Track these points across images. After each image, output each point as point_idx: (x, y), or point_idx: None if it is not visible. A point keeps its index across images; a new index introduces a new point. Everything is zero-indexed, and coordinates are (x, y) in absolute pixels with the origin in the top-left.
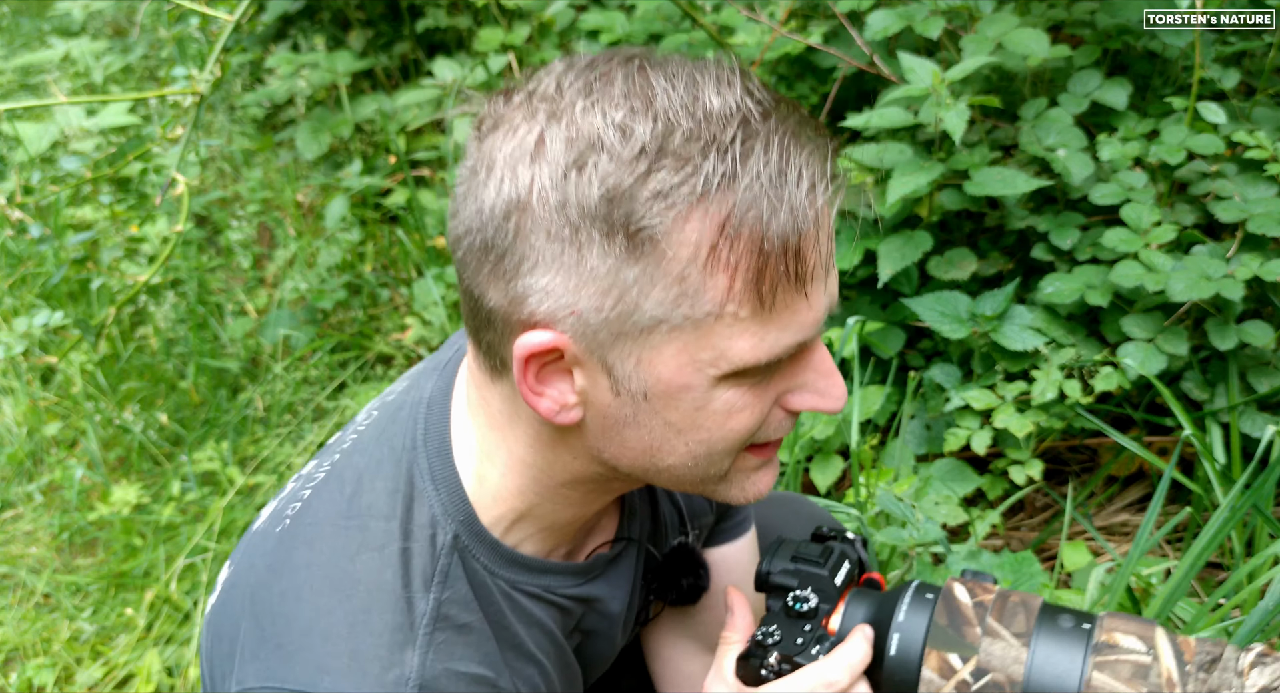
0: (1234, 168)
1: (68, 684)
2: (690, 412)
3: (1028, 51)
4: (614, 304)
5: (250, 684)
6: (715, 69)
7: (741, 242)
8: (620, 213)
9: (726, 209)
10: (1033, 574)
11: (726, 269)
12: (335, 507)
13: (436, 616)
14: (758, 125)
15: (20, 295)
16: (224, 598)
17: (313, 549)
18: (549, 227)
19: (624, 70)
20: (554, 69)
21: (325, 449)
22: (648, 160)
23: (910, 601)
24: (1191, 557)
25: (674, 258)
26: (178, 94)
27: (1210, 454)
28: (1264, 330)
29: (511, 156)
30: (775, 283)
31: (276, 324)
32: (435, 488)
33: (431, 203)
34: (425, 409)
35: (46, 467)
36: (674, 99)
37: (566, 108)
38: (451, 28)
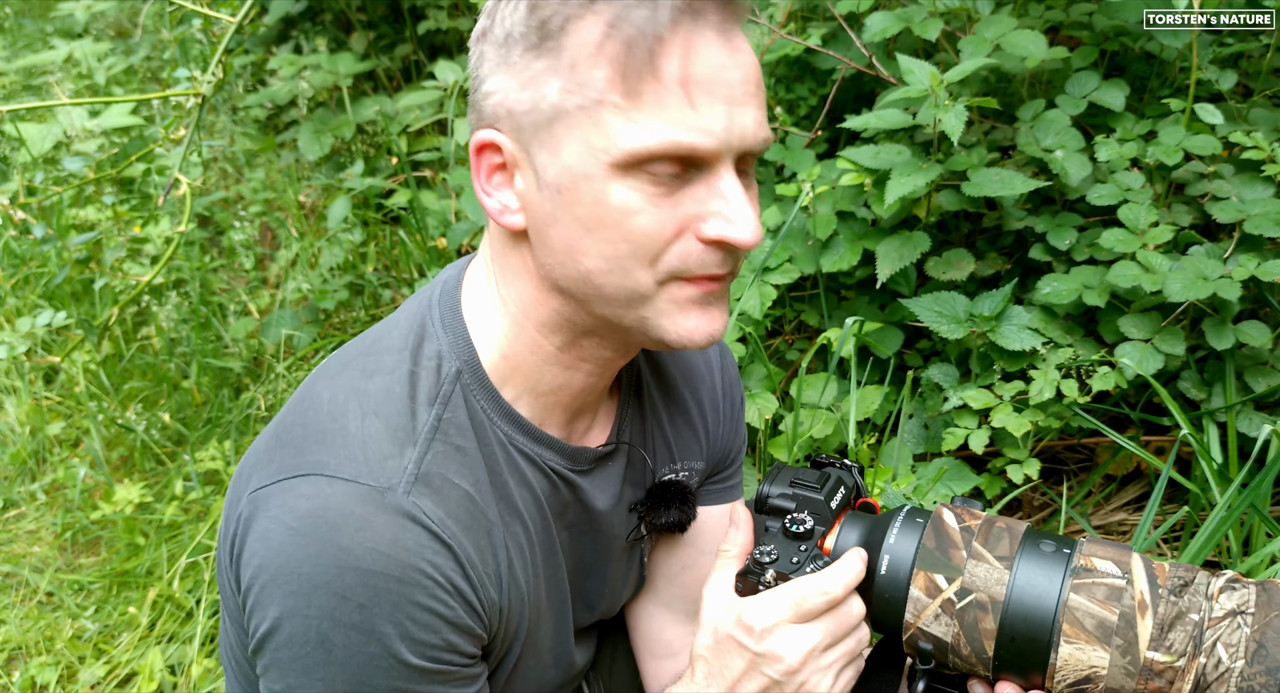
0: (1231, 168)
1: (70, 683)
2: (592, 206)
3: (1025, 53)
4: (530, 97)
5: (264, 482)
6: None
7: (618, 38)
8: (536, 18)
9: (613, 11)
10: None
11: (608, 61)
12: (355, 349)
13: (436, 428)
14: None
15: (23, 295)
16: (253, 443)
17: (333, 380)
18: (496, 39)
19: None
20: None
21: None
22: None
23: (901, 524)
24: (1189, 556)
25: (569, 50)
26: (180, 95)
27: (1207, 454)
28: (1261, 330)
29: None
30: (640, 74)
31: (279, 324)
32: (444, 330)
33: (433, 203)
34: (441, 281)
35: (49, 466)
36: None
37: None
38: (453, 29)
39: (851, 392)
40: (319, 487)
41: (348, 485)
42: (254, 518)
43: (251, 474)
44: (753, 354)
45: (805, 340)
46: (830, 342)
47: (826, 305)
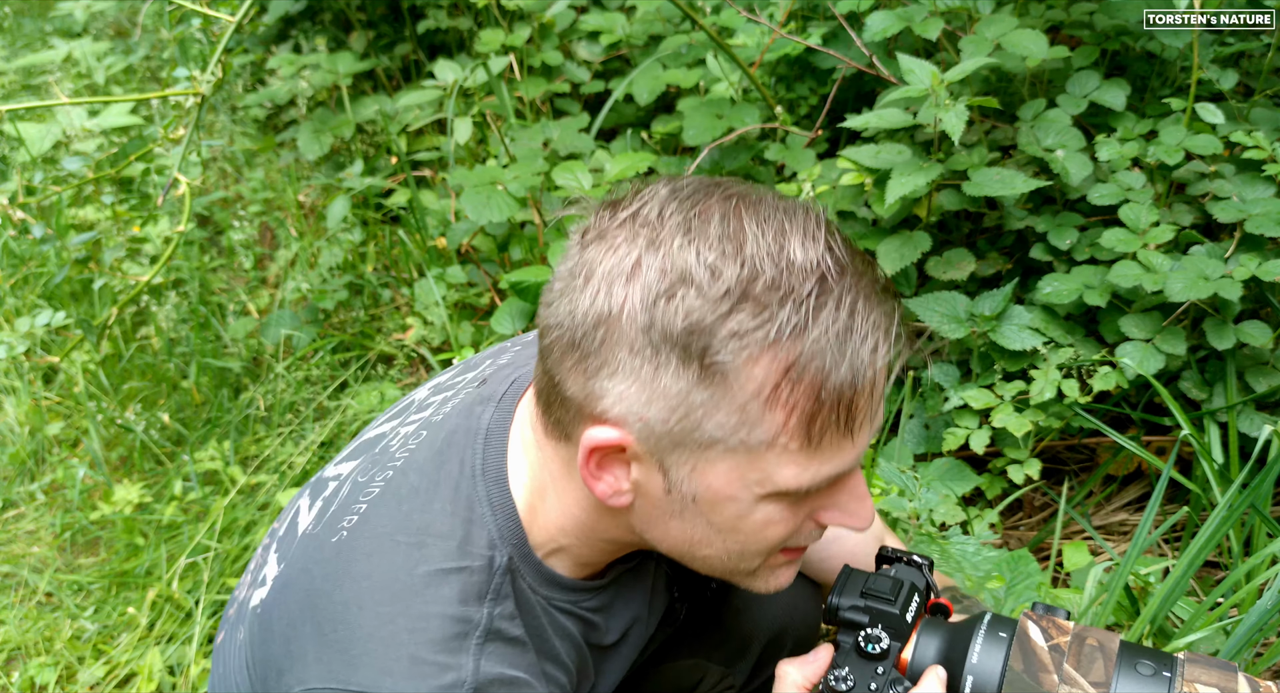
0: (1232, 168)
1: (69, 683)
2: (732, 518)
3: (1026, 52)
4: (679, 419)
5: (314, 685)
6: (803, 219)
7: (802, 387)
8: (698, 344)
9: (793, 356)
10: (1030, 573)
11: (785, 408)
12: (394, 523)
13: (489, 629)
14: (833, 283)
15: (23, 295)
16: (278, 597)
17: (371, 562)
18: (632, 343)
19: (721, 210)
20: (658, 193)
21: (370, 455)
22: (730, 302)
23: (984, 640)
24: (1189, 556)
25: (740, 390)
26: (180, 95)
27: (1208, 454)
28: (1262, 330)
29: (609, 273)
30: (825, 428)
31: (278, 324)
32: (493, 514)
33: (432, 203)
34: (484, 441)
35: (49, 466)
36: (762, 246)
37: (665, 239)
38: (452, 29)
39: None
40: None
41: None
42: None
43: (294, 660)
44: None
45: None
46: None
47: None
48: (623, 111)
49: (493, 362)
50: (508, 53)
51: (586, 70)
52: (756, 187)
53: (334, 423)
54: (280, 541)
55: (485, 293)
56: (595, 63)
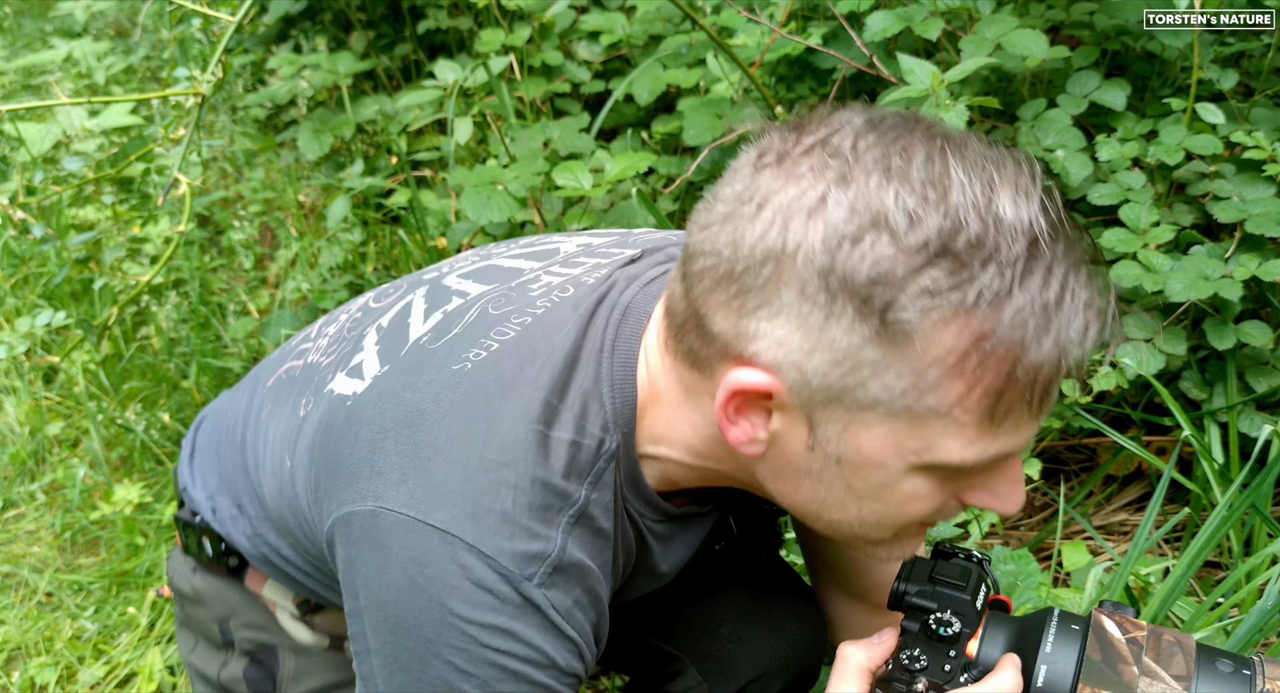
0: (1232, 168)
1: (70, 683)
2: (876, 486)
3: (1026, 52)
4: (843, 375)
5: (392, 506)
6: (1015, 172)
7: (993, 360)
8: (883, 297)
9: (990, 325)
10: (1031, 573)
11: (968, 380)
12: (525, 375)
13: (583, 511)
14: (1046, 248)
15: (23, 295)
16: (374, 400)
17: (492, 405)
18: (804, 285)
19: (925, 149)
20: (852, 121)
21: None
22: (927, 255)
23: (1056, 631)
24: (1190, 556)
25: (921, 354)
26: (180, 95)
27: (1208, 454)
28: (1262, 330)
29: (789, 206)
30: (1012, 407)
31: (279, 324)
32: (612, 398)
33: (433, 203)
34: (620, 319)
35: (49, 466)
36: (968, 196)
37: (859, 175)
38: (453, 29)
39: None
40: (456, 553)
41: (485, 565)
42: (371, 539)
43: (375, 469)
44: None
45: None
46: None
47: None
48: (623, 111)
49: (645, 240)
50: (508, 53)
51: (586, 70)
52: (961, 129)
53: None
54: (385, 335)
55: None
56: (595, 63)
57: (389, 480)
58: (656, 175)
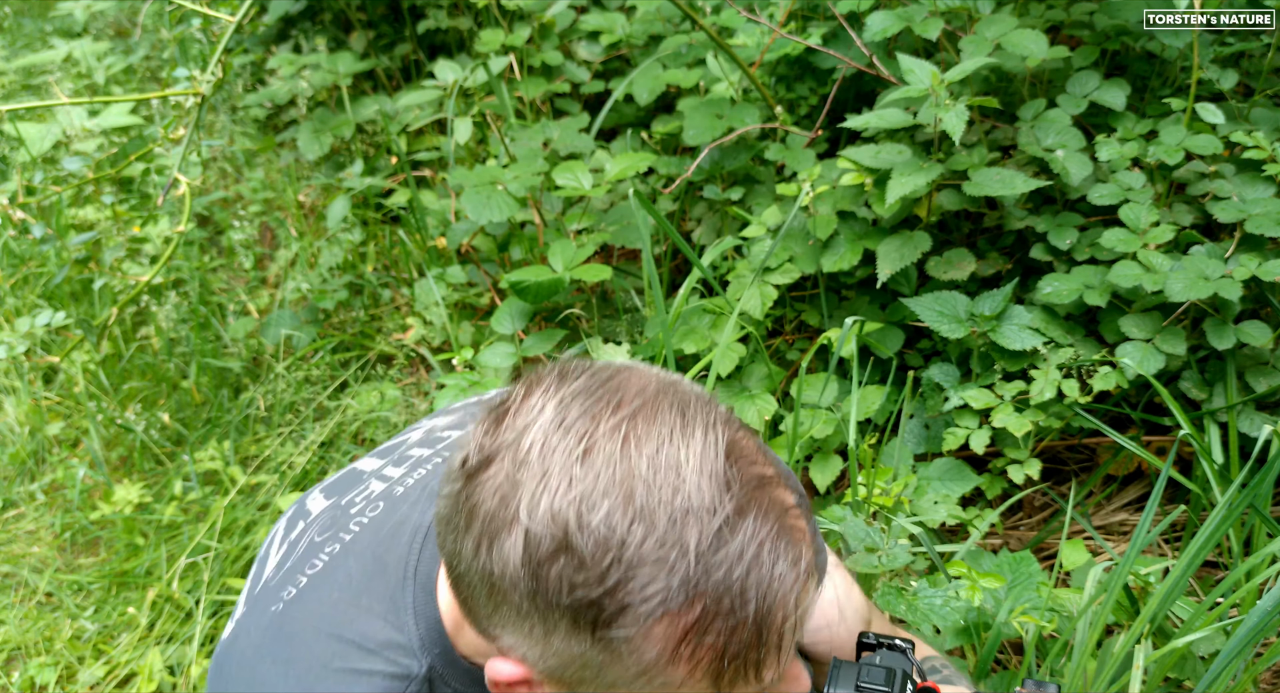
0: (1232, 168)
1: (70, 683)
2: None
3: (1026, 52)
4: (578, 670)
5: None
6: (701, 442)
7: (704, 646)
8: (587, 617)
9: (692, 618)
10: (1031, 574)
11: (689, 663)
12: (322, 610)
13: None
14: (730, 529)
15: (23, 295)
16: (228, 647)
17: (293, 647)
18: (519, 606)
19: (608, 444)
20: (543, 414)
21: (339, 503)
22: (618, 573)
23: None
24: (1189, 556)
25: (638, 656)
26: (180, 95)
27: (1208, 454)
28: (1262, 330)
29: (490, 520)
30: (740, 667)
31: (278, 324)
32: (416, 623)
33: (433, 203)
34: (423, 540)
35: (49, 466)
36: (654, 492)
37: (545, 484)
38: (452, 29)
39: (852, 392)
40: None
41: None
42: None
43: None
44: (753, 354)
45: (805, 340)
46: (830, 342)
47: (827, 305)
48: (623, 111)
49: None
50: (508, 53)
51: (586, 70)
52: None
53: (334, 423)
54: (254, 571)
55: (485, 293)
56: (595, 63)
57: None
58: (656, 175)
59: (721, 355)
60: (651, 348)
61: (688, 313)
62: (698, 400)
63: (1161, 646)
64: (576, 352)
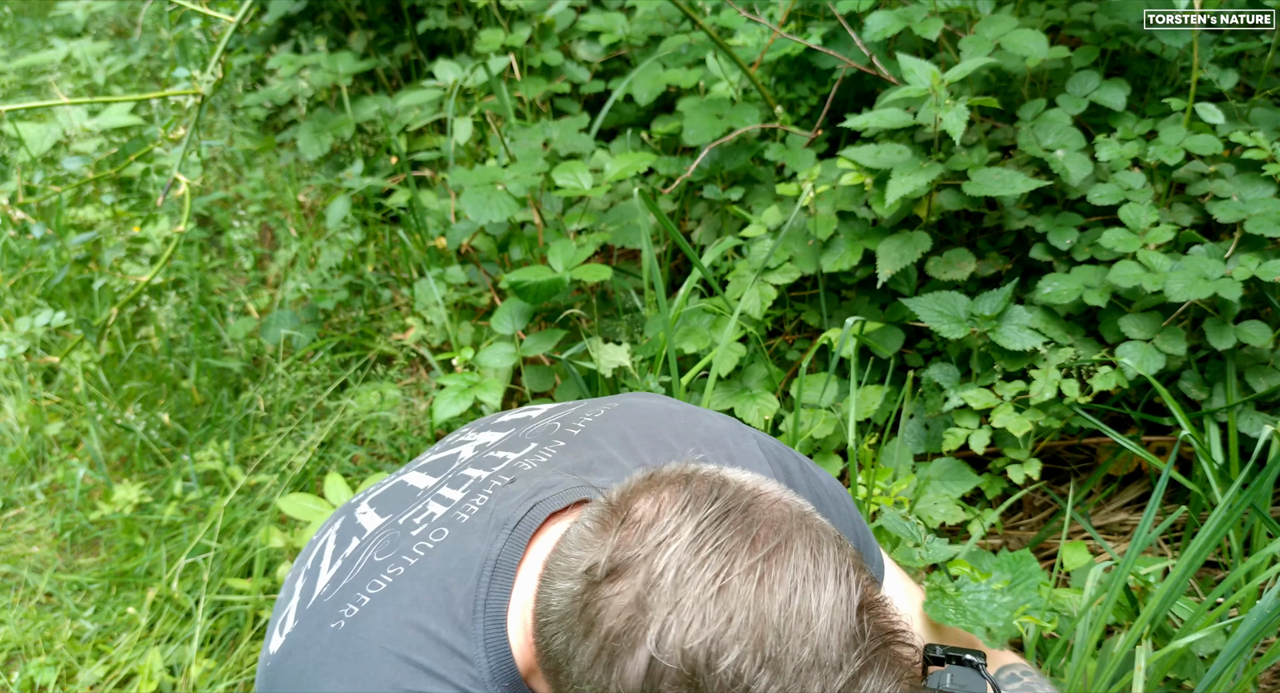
0: (1232, 168)
1: (69, 683)
2: None
3: (1026, 52)
4: None
5: None
6: (834, 590)
7: None
8: None
9: None
10: (1031, 574)
11: None
12: (389, 632)
13: None
14: (854, 687)
15: (22, 295)
16: (282, 662)
17: (359, 666)
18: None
19: (741, 589)
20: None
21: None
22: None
23: None
24: (1189, 556)
25: None
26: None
27: (1208, 454)
28: (1262, 330)
29: (612, 637)
30: None
31: (278, 324)
32: (486, 654)
33: (432, 203)
34: (491, 573)
35: (49, 466)
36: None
37: (676, 618)
38: (452, 29)
39: (852, 392)
40: None
41: None
42: None
43: None
44: (753, 354)
45: (806, 340)
46: (830, 342)
47: (827, 305)
48: (623, 111)
49: (537, 449)
50: (508, 53)
51: (586, 70)
52: (790, 520)
53: (334, 423)
54: (304, 584)
55: (485, 293)
56: (595, 63)
57: None
58: (656, 175)
59: (721, 355)
60: (651, 348)
61: (688, 313)
62: (828, 541)
63: (1162, 646)
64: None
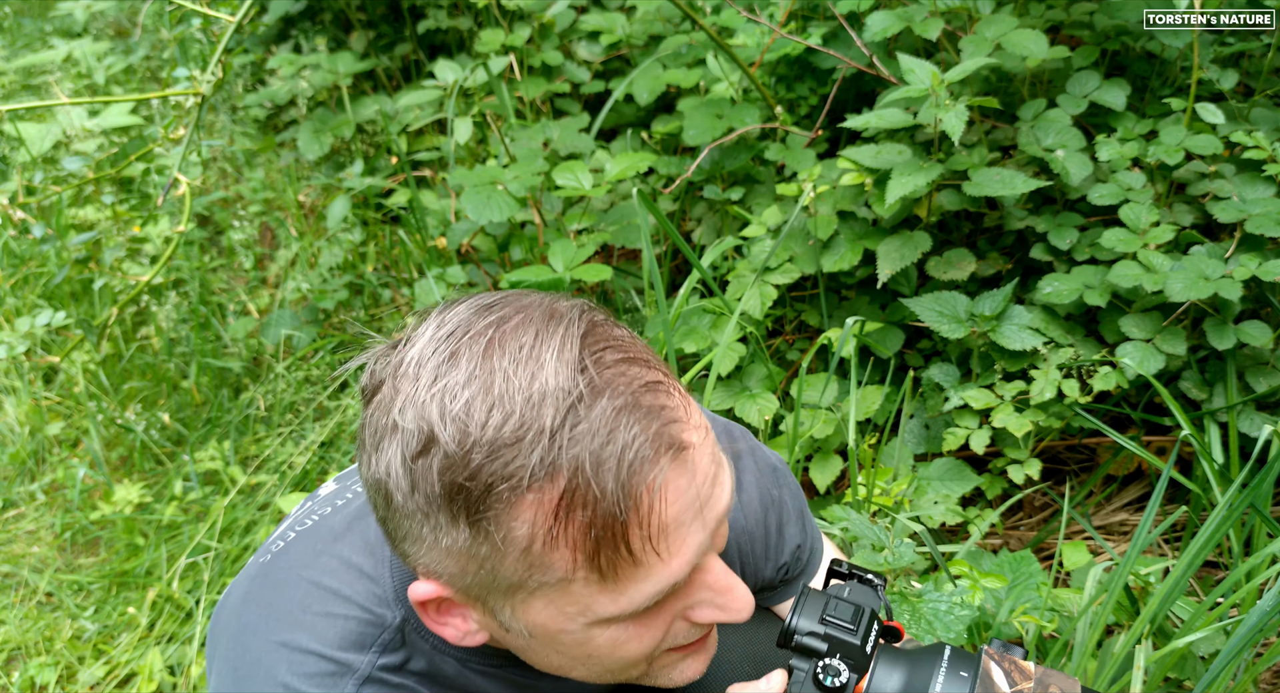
0: (1232, 168)
1: (70, 683)
2: (574, 647)
3: (1026, 52)
4: (475, 571)
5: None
6: (560, 336)
7: (574, 523)
8: (459, 503)
9: (556, 493)
10: (1031, 574)
11: (567, 545)
12: (305, 559)
13: (368, 676)
14: (584, 407)
15: (23, 295)
16: (219, 609)
17: (276, 592)
18: (403, 507)
19: (472, 348)
20: (425, 335)
21: (341, 483)
22: (480, 454)
23: (945, 678)
24: (1189, 556)
25: (516, 538)
26: (180, 95)
27: (1208, 454)
28: (1262, 330)
29: (377, 433)
30: (611, 559)
31: (278, 324)
32: (392, 576)
33: (433, 203)
34: None
35: (49, 466)
36: (512, 382)
37: (419, 392)
38: (452, 29)
39: (852, 392)
40: None
41: None
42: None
43: (209, 664)
44: (753, 354)
45: (806, 340)
46: (831, 342)
47: (827, 305)
48: (623, 111)
49: None
50: (508, 53)
51: (586, 70)
52: (527, 302)
53: (334, 423)
54: None
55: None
56: (595, 63)
57: (211, 672)
58: (656, 175)
59: (721, 355)
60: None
61: (688, 313)
62: (573, 307)
63: (1162, 646)
64: None
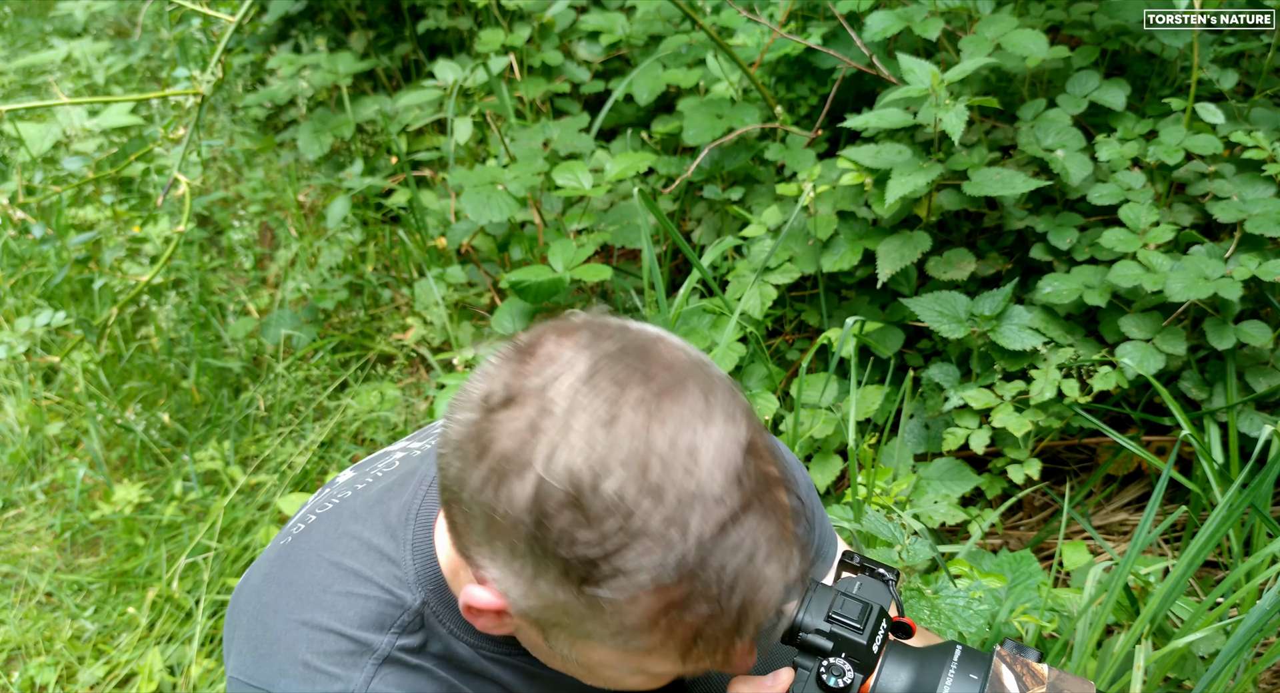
0: (1232, 168)
1: (70, 683)
2: (612, 677)
3: (1026, 52)
4: (557, 616)
5: (232, 673)
6: (721, 429)
7: (685, 621)
8: (578, 570)
9: (679, 596)
10: (1031, 574)
11: (666, 632)
12: (327, 540)
13: (388, 656)
14: (735, 521)
15: (23, 295)
16: (242, 585)
17: (298, 572)
18: (513, 545)
19: (633, 413)
20: (573, 368)
21: (361, 470)
22: (620, 538)
23: (954, 680)
24: (1189, 556)
25: (620, 616)
26: (180, 95)
27: (1208, 454)
28: (1262, 330)
29: (503, 458)
30: (710, 644)
31: (278, 324)
32: (413, 558)
33: (432, 203)
34: (429, 487)
35: (49, 466)
36: (671, 468)
37: (570, 449)
38: (452, 29)
39: (852, 392)
40: None
41: None
42: None
43: (231, 647)
44: (753, 354)
45: (806, 340)
46: (830, 341)
47: (827, 305)
48: (623, 111)
49: None
50: (508, 53)
51: (586, 70)
52: (686, 363)
53: (334, 423)
54: None
55: (485, 293)
56: (595, 63)
57: (232, 652)
58: (656, 175)
59: (721, 355)
60: None
61: (688, 313)
62: (723, 387)
63: (1161, 646)
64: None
